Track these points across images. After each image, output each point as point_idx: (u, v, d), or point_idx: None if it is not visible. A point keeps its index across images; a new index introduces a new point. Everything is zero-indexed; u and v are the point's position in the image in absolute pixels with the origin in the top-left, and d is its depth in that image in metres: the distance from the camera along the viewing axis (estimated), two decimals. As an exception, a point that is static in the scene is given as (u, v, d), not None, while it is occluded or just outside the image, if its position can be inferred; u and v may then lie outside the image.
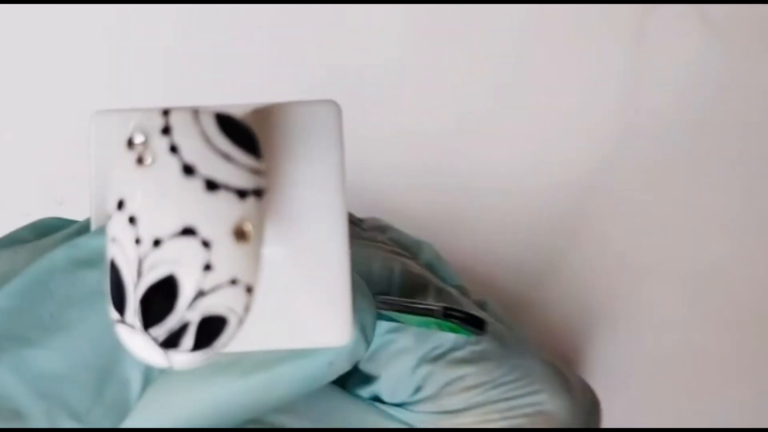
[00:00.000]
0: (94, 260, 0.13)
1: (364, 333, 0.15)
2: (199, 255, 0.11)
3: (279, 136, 0.14)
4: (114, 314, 0.11)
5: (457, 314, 0.18)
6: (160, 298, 0.11)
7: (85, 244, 0.13)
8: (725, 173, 0.30)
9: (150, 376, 0.13)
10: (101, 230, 0.13)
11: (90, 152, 0.14)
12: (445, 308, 0.18)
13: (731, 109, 0.30)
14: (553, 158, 0.29)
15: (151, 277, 0.11)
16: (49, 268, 0.12)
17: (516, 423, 0.20)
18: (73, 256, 0.13)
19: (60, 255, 0.13)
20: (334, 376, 0.15)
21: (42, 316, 0.12)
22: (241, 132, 0.11)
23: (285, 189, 0.14)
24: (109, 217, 0.14)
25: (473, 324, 0.18)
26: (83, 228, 0.14)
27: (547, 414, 0.20)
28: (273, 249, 0.13)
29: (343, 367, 0.15)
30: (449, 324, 0.18)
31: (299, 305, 0.14)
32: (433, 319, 0.18)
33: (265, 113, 0.14)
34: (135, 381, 0.13)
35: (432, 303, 0.18)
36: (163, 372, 0.14)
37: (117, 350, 0.12)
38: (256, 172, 0.11)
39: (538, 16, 0.30)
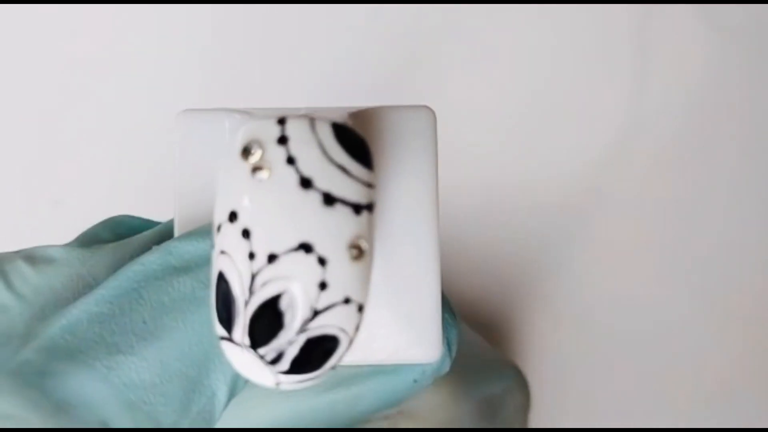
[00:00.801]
0: (187, 267, 0.12)
1: (450, 349, 0.14)
2: (315, 272, 0.10)
3: (375, 141, 0.13)
4: (220, 330, 0.11)
5: None
6: (272, 315, 0.10)
7: (178, 249, 0.12)
8: (728, 172, 0.29)
9: (235, 389, 0.13)
10: (193, 235, 0.12)
11: (175, 153, 0.14)
12: None
13: (734, 109, 0.29)
14: (556, 159, 0.29)
15: (264, 294, 0.10)
16: (142, 273, 0.12)
17: (376, 424, 0.19)
18: (167, 263, 0.12)
19: (153, 261, 0.12)
20: (415, 393, 0.14)
21: (134, 322, 0.12)
22: (356, 143, 0.11)
23: (380, 199, 0.13)
24: (197, 221, 0.13)
25: None
26: (166, 231, 0.14)
27: (408, 413, 0.20)
28: None
29: (426, 384, 0.14)
30: None
31: (389, 321, 0.13)
32: None
33: (363, 118, 0.13)
34: (221, 394, 0.12)
35: None
36: (246, 386, 0.13)
37: (207, 362, 0.12)
38: (369, 185, 0.11)
39: (539, 17, 0.30)
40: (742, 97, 0.30)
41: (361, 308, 0.11)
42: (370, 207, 0.11)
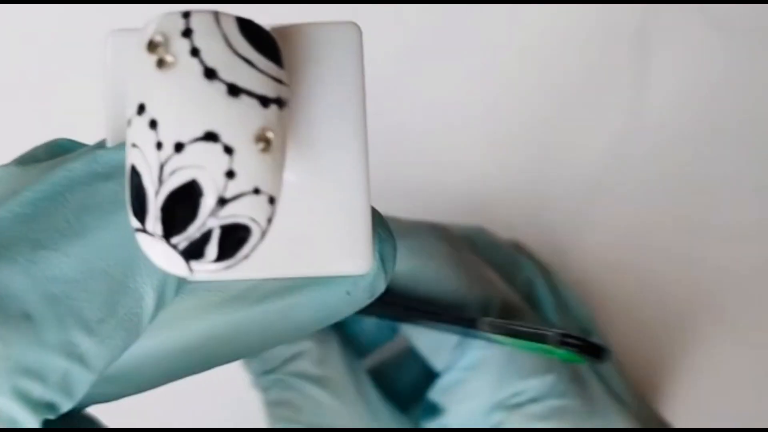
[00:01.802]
0: (112, 173, 0.12)
1: (384, 264, 0.14)
2: (222, 161, 0.11)
3: (298, 56, 0.13)
4: (134, 222, 0.11)
5: (574, 341, 0.19)
6: (182, 204, 0.11)
7: (103, 158, 0.12)
8: (728, 171, 0.29)
9: (164, 296, 0.13)
10: (119, 146, 0.13)
11: (106, 71, 0.14)
12: (562, 334, 0.19)
13: (733, 108, 0.30)
14: (556, 158, 0.29)
15: (172, 183, 0.11)
16: (66, 178, 0.12)
17: None
18: (92, 169, 0.12)
19: (78, 166, 0.12)
20: (352, 309, 0.15)
21: (58, 222, 0.12)
22: (263, 38, 0.11)
23: (304, 112, 0.14)
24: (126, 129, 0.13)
25: (592, 352, 0.19)
26: (98, 147, 0.14)
27: None
28: (290, 173, 0.13)
29: (361, 300, 0.15)
30: (563, 351, 0.19)
31: (317, 232, 0.14)
32: (544, 346, 0.19)
33: (285, 33, 0.13)
34: (149, 298, 0.13)
35: (546, 328, 0.19)
36: (178, 293, 0.13)
37: (132, 264, 0.12)
38: (277, 80, 0.11)
39: (539, 17, 0.30)
40: (742, 95, 0.30)
41: (272, 200, 0.11)
42: (279, 101, 0.11)
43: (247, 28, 0.11)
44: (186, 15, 0.11)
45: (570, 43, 0.30)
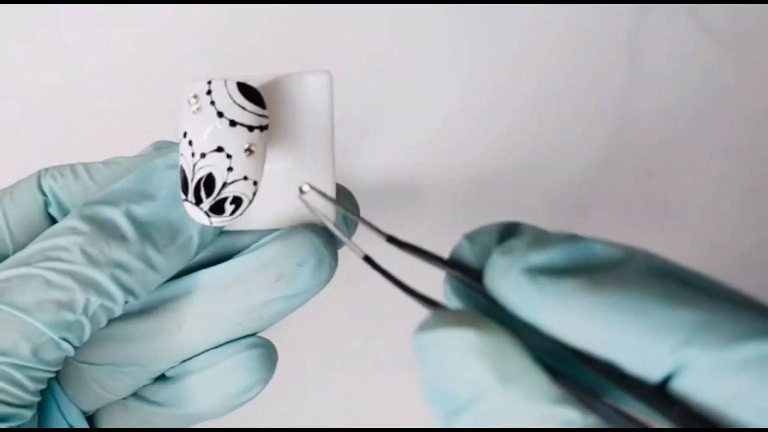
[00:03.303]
0: (176, 166, 0.21)
1: (346, 226, 0.23)
2: (225, 162, 0.19)
3: (281, 100, 0.22)
4: (182, 195, 0.20)
5: None
6: (205, 186, 0.19)
7: (174, 156, 0.22)
8: (719, 171, 0.30)
9: (204, 238, 0.22)
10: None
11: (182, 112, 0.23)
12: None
13: (723, 105, 0.31)
14: (550, 157, 0.30)
15: (199, 174, 0.19)
16: (152, 167, 0.21)
17: None
18: (166, 163, 0.21)
19: (159, 161, 0.22)
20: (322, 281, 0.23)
21: (148, 191, 0.21)
22: (252, 92, 0.20)
23: (286, 128, 0.22)
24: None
25: None
26: (173, 148, 0.23)
27: None
28: (274, 165, 0.22)
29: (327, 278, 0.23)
30: None
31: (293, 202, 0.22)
32: None
33: (272, 83, 0.22)
34: (194, 239, 0.22)
35: None
36: (214, 238, 0.22)
37: (186, 216, 0.21)
38: (259, 116, 0.20)
39: (533, 17, 0.31)
40: (731, 94, 0.30)
41: (255, 183, 0.20)
42: (260, 128, 0.20)
43: (243, 86, 0.20)
44: (209, 82, 0.20)
45: (561, 43, 0.31)
